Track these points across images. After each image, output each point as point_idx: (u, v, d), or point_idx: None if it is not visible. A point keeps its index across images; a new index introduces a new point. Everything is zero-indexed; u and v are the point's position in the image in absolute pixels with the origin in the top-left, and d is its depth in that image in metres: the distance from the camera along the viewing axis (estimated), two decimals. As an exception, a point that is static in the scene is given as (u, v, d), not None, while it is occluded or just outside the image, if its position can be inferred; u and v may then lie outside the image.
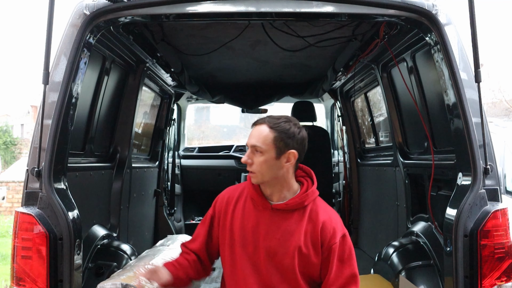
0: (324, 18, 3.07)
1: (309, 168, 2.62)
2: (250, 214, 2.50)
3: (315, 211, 2.50)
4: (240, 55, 4.53)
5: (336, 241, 2.45)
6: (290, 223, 2.45)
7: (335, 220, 2.52)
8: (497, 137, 5.75)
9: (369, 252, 5.08)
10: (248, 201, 2.54)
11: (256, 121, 2.48)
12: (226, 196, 2.62)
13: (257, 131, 2.43)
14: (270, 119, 2.46)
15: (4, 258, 8.57)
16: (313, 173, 2.61)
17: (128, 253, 3.42)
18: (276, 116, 2.49)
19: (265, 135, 2.40)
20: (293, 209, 2.47)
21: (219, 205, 2.60)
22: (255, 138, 2.42)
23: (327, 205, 2.59)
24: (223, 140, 22.66)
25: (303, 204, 2.47)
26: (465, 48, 2.80)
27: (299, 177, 2.57)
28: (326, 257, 2.46)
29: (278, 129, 2.41)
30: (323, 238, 2.45)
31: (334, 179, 6.41)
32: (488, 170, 2.60)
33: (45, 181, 2.51)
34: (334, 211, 2.61)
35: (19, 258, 2.50)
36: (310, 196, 2.50)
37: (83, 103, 3.37)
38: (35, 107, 31.13)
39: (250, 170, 2.44)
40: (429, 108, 3.65)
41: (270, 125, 2.42)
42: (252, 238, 2.47)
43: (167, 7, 2.75)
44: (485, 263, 2.54)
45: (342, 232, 2.49)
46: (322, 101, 6.98)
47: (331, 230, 2.46)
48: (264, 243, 2.44)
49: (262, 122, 2.45)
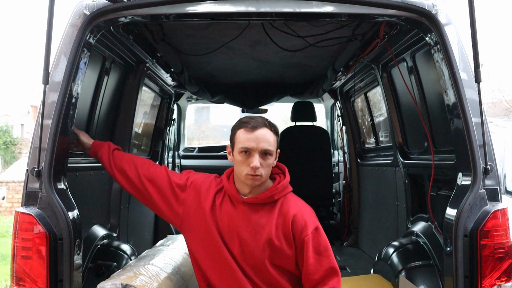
0: (324, 18, 3.06)
1: (283, 165, 2.70)
2: (227, 209, 2.58)
3: (286, 204, 2.57)
4: (240, 55, 4.53)
5: (308, 233, 2.51)
6: (261, 216, 2.53)
7: (306, 213, 2.57)
8: (497, 137, 5.75)
9: (369, 252, 5.08)
10: (226, 196, 2.61)
11: (254, 126, 2.50)
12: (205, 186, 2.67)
13: (263, 135, 2.49)
14: (267, 121, 2.55)
15: (4, 258, 8.57)
16: (287, 169, 2.68)
17: (128, 253, 3.42)
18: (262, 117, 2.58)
19: (272, 139, 2.51)
20: (264, 203, 2.54)
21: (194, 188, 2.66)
22: (266, 142, 2.48)
23: (300, 200, 2.65)
24: (223, 140, 22.63)
25: (273, 198, 2.54)
26: (465, 48, 2.80)
27: (274, 174, 2.65)
28: (300, 250, 2.52)
29: (275, 131, 2.55)
30: (294, 231, 2.52)
31: (334, 179, 6.41)
32: (488, 170, 2.60)
33: (45, 181, 2.51)
34: (307, 205, 2.65)
35: (19, 258, 2.50)
36: (280, 190, 2.56)
37: (83, 103, 3.37)
38: (35, 107, 31.14)
39: (257, 174, 2.46)
40: (429, 108, 3.65)
41: (270, 128, 2.52)
42: (228, 231, 2.55)
43: (167, 7, 2.75)
44: (485, 263, 2.54)
45: (315, 225, 2.55)
46: (322, 101, 6.98)
47: (302, 223, 2.52)
48: (238, 236, 2.53)
49: (263, 125, 2.51)
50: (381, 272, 3.53)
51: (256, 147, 2.46)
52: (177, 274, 3.00)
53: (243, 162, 2.48)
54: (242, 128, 2.52)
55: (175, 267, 3.04)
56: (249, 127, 2.50)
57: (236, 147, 2.52)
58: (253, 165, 2.44)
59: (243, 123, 2.54)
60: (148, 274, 2.79)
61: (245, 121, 2.54)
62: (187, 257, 3.21)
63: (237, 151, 2.51)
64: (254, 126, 2.49)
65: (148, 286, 2.67)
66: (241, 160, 2.49)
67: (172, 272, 2.97)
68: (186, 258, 3.19)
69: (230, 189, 2.59)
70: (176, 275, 2.98)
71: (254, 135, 2.47)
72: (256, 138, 2.47)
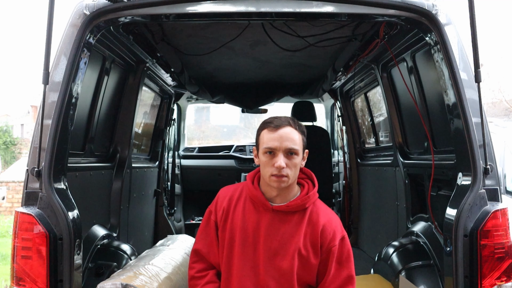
0: (324, 18, 3.06)
1: (309, 171, 2.63)
2: (251, 215, 2.49)
3: (316, 213, 2.50)
4: (240, 55, 4.53)
5: (336, 243, 2.46)
6: (291, 225, 2.46)
7: (335, 222, 2.52)
8: (497, 137, 5.75)
9: (369, 252, 5.08)
10: (248, 202, 2.53)
11: (277, 125, 2.43)
12: (227, 196, 2.60)
13: (287, 133, 2.41)
14: (291, 120, 2.46)
15: (4, 258, 8.57)
16: (314, 175, 2.61)
17: (128, 253, 3.42)
18: (286, 117, 2.50)
19: (297, 137, 2.43)
20: (294, 211, 2.47)
21: (220, 205, 2.59)
22: (291, 141, 2.40)
23: (327, 208, 2.60)
24: (223, 140, 22.64)
25: (304, 206, 2.48)
26: (465, 48, 2.80)
27: (299, 179, 2.57)
28: (324, 258, 2.47)
29: (301, 130, 2.47)
30: (322, 240, 2.46)
31: (334, 179, 6.41)
32: (488, 170, 2.60)
33: (45, 181, 2.51)
34: (334, 213, 2.61)
35: (19, 258, 2.50)
36: (311, 198, 2.50)
37: (83, 103, 3.37)
38: (35, 107, 31.15)
39: (283, 174, 2.38)
40: (429, 108, 3.65)
41: (294, 127, 2.45)
42: (253, 239, 2.47)
43: (167, 7, 2.75)
44: (485, 263, 2.54)
45: (342, 235, 2.50)
46: (322, 101, 6.98)
47: (331, 233, 2.47)
48: (264, 244, 2.45)
49: (286, 124, 2.44)
50: (381, 272, 3.53)
51: (280, 146, 2.39)
52: (177, 274, 3.00)
53: (267, 162, 2.41)
54: (266, 128, 2.46)
55: (175, 267, 3.04)
56: (272, 127, 2.43)
57: (261, 148, 2.45)
58: (277, 165, 2.36)
59: (266, 123, 2.47)
60: (148, 274, 2.80)
61: (268, 121, 2.47)
62: (187, 257, 3.21)
63: (262, 152, 2.44)
64: (277, 125, 2.42)
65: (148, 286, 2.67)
66: (265, 160, 2.42)
67: (172, 272, 2.97)
68: (186, 258, 3.19)
69: (257, 194, 2.49)
70: (176, 275, 2.98)
71: (277, 134, 2.40)
72: (280, 137, 2.39)
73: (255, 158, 2.55)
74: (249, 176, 2.60)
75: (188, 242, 3.54)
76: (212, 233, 2.59)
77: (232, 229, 2.51)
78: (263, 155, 2.44)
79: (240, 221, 2.50)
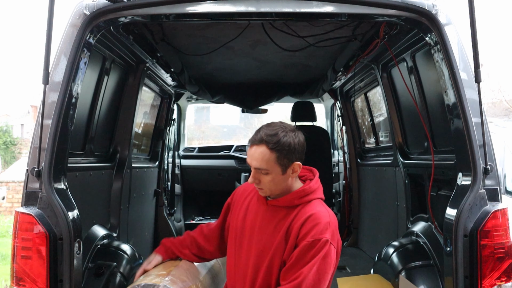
0: (324, 18, 3.06)
1: (316, 170, 2.65)
2: (253, 208, 2.62)
3: (306, 210, 2.46)
4: (240, 55, 4.53)
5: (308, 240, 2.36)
6: (280, 219, 2.50)
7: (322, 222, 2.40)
8: (497, 137, 5.75)
9: (369, 252, 5.08)
10: (255, 197, 2.66)
11: (253, 141, 2.41)
12: (243, 188, 2.77)
13: (257, 153, 2.39)
14: (267, 137, 2.37)
15: (4, 258, 8.57)
16: (317, 174, 2.63)
17: (128, 253, 3.42)
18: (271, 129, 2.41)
19: (267, 158, 2.37)
20: (286, 206, 2.51)
21: (237, 195, 2.77)
22: (258, 161, 2.39)
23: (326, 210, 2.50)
24: (223, 140, 22.64)
25: (292, 203, 2.49)
26: (465, 48, 2.80)
27: (304, 177, 2.62)
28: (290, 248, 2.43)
29: (278, 149, 2.37)
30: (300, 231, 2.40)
31: (334, 179, 6.41)
32: (488, 170, 2.60)
33: (45, 181, 2.51)
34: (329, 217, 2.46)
35: (19, 258, 2.50)
36: (302, 195, 2.50)
37: (83, 103, 3.37)
38: (35, 107, 31.13)
39: (259, 187, 2.49)
40: (429, 108, 3.65)
41: (269, 146, 2.36)
42: (249, 232, 2.57)
43: (167, 7, 2.75)
44: (485, 263, 2.54)
45: (322, 237, 2.36)
46: (322, 101, 6.98)
47: (309, 227, 2.38)
48: (257, 237, 2.53)
49: (260, 142, 2.38)
50: (381, 272, 3.53)
51: (250, 163, 2.45)
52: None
53: None
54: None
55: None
56: (250, 141, 2.45)
57: None
58: (249, 181, 2.50)
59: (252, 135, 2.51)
60: None
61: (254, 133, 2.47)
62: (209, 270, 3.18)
63: None
64: (251, 142, 2.43)
65: None
66: None
67: None
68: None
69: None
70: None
71: (250, 151, 2.44)
72: (250, 155, 2.43)
73: None
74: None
75: None
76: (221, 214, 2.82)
77: (237, 219, 2.65)
78: None
79: (243, 213, 2.63)
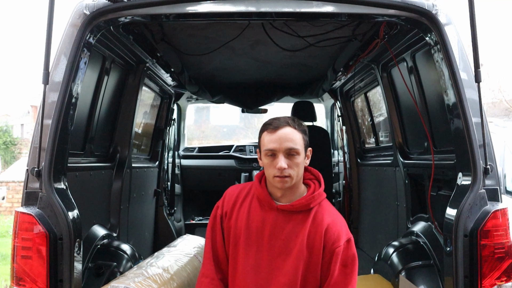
0: (324, 18, 3.06)
1: (317, 171, 2.63)
2: (256, 214, 2.52)
3: (321, 213, 2.49)
4: (240, 55, 4.53)
5: (340, 244, 2.44)
6: (295, 224, 2.46)
7: (340, 223, 2.51)
8: (497, 137, 5.76)
9: (369, 252, 5.08)
10: (254, 201, 2.55)
11: (276, 126, 2.45)
12: (234, 194, 2.62)
13: (286, 134, 2.42)
14: (290, 120, 2.47)
15: (4, 258, 8.57)
16: (321, 175, 2.62)
17: (128, 253, 3.42)
18: (285, 117, 2.51)
19: (297, 137, 2.44)
20: (299, 211, 2.48)
21: (227, 203, 2.61)
22: (290, 141, 2.41)
23: (334, 209, 2.59)
24: (223, 140, 22.66)
25: (308, 206, 2.48)
26: (465, 48, 2.80)
27: (306, 179, 2.59)
28: (327, 260, 2.45)
29: (301, 129, 2.48)
30: (326, 241, 2.44)
31: (334, 179, 6.40)
32: (488, 170, 2.60)
33: (45, 181, 2.51)
34: (340, 215, 2.59)
35: (19, 258, 2.50)
36: (317, 198, 2.50)
37: (83, 103, 3.37)
38: (35, 107, 31.16)
39: (285, 175, 2.40)
40: (429, 108, 3.64)
41: (293, 126, 2.46)
42: (256, 238, 2.48)
43: (167, 7, 2.75)
44: (485, 263, 2.54)
45: (347, 237, 2.48)
46: (322, 101, 6.98)
47: (335, 233, 2.45)
48: (269, 243, 2.46)
49: (285, 124, 2.45)
50: (381, 272, 3.53)
51: (279, 148, 2.40)
52: (181, 276, 2.99)
53: (269, 164, 2.43)
54: (266, 130, 2.48)
55: (179, 268, 3.04)
56: (271, 128, 2.45)
57: (262, 150, 2.48)
58: (278, 166, 2.38)
59: (266, 125, 2.50)
60: (151, 277, 2.78)
61: (268, 123, 2.49)
62: (194, 258, 3.20)
63: (263, 154, 2.47)
64: (276, 127, 2.44)
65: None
66: (267, 162, 2.44)
67: (175, 273, 2.97)
68: (192, 259, 3.18)
69: (263, 194, 2.52)
70: (180, 277, 2.97)
71: (276, 135, 2.42)
72: (279, 138, 2.41)
73: (259, 160, 2.58)
74: (257, 176, 2.64)
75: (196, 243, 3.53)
76: (218, 229, 2.61)
77: (237, 227, 2.53)
78: (265, 157, 2.46)
79: (245, 219, 2.52)
